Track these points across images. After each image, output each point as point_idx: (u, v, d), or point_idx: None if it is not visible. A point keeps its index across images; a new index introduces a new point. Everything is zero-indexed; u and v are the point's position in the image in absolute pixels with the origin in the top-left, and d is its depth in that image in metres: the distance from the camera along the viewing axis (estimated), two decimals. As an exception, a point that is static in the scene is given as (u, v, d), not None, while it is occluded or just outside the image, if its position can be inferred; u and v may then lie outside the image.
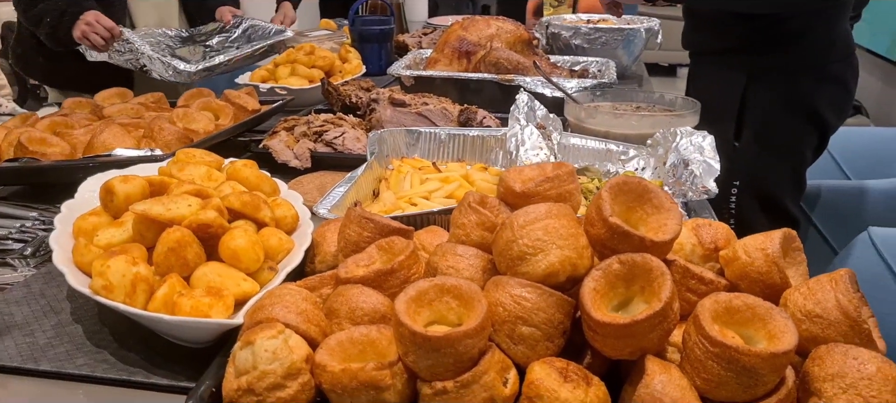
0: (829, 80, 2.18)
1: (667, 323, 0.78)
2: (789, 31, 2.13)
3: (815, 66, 2.16)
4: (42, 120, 1.71)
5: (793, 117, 2.19)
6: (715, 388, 0.76)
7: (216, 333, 0.94)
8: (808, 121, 2.20)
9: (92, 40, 2.25)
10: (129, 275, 0.95)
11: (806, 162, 2.30)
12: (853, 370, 0.73)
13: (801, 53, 2.14)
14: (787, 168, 2.25)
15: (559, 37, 2.74)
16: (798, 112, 2.18)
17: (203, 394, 0.82)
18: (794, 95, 2.16)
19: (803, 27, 2.12)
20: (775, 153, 2.22)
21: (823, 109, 2.21)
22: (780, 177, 2.25)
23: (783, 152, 2.23)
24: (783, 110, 2.18)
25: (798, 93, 2.16)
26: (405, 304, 0.80)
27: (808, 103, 2.17)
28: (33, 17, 2.32)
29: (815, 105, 2.18)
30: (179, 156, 1.32)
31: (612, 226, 0.84)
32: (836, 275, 0.82)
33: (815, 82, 2.16)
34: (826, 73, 2.18)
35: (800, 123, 2.20)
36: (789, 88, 2.16)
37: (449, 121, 1.77)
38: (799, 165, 2.28)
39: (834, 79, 2.19)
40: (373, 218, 1.03)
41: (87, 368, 0.95)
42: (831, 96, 2.21)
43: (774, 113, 2.19)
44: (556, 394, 0.76)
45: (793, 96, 2.17)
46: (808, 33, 2.13)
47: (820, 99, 2.18)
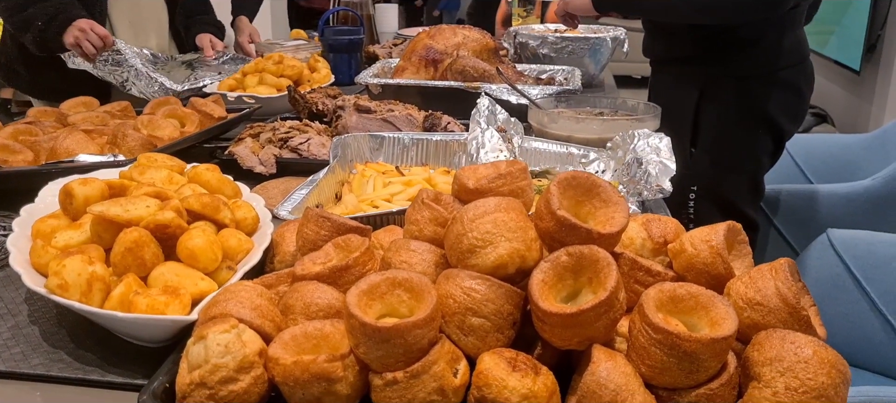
0: (780, 86, 2.23)
1: (613, 312, 0.80)
2: (740, 39, 2.18)
3: (767, 72, 2.21)
4: (5, 128, 1.71)
5: (746, 123, 2.23)
6: (658, 374, 0.77)
7: (171, 330, 0.94)
8: (762, 126, 2.25)
9: (84, 47, 2.24)
10: (84, 274, 0.95)
11: (762, 167, 2.35)
12: (790, 354, 0.75)
13: (751, 60, 2.19)
14: (742, 173, 2.30)
15: (527, 46, 2.77)
16: (751, 118, 2.23)
17: (156, 390, 0.82)
18: (746, 102, 2.21)
19: (754, 35, 2.17)
20: (730, 159, 2.27)
21: (776, 115, 2.26)
22: (736, 181, 2.29)
23: (738, 158, 2.28)
24: (736, 116, 2.23)
25: (750, 100, 2.21)
26: (357, 297, 0.81)
27: (760, 109, 2.22)
28: (21, 22, 2.29)
29: (768, 111, 2.23)
30: (141, 161, 1.32)
31: (560, 219, 0.86)
32: (776, 265, 0.84)
33: (766, 88, 2.21)
34: (777, 80, 2.23)
35: (753, 129, 2.25)
36: (741, 95, 2.21)
37: (414, 126, 1.79)
38: (755, 171, 2.33)
39: (786, 85, 2.24)
40: (330, 217, 1.05)
41: (42, 368, 0.95)
42: (784, 102, 2.26)
43: (728, 119, 2.24)
44: (504, 383, 0.77)
45: (745, 102, 2.22)
46: (759, 41, 2.18)
47: (772, 105, 2.23)
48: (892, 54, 3.83)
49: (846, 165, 2.75)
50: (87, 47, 2.25)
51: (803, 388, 0.73)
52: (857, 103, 4.23)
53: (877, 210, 2.36)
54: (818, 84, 4.47)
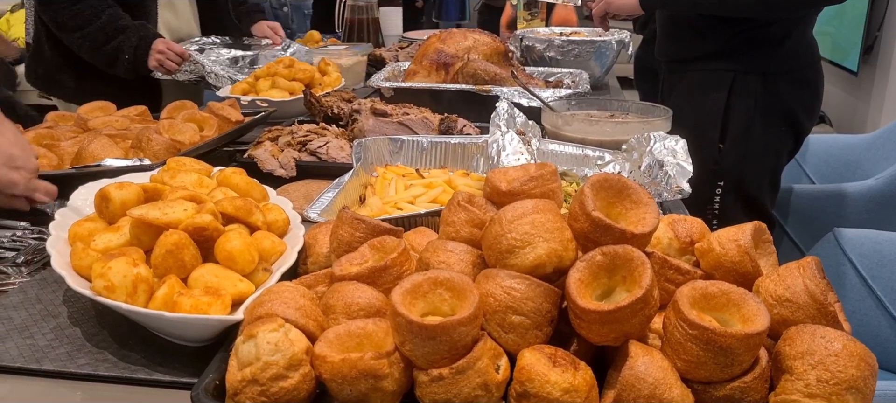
0: (802, 85, 2.30)
1: (648, 309, 0.83)
2: (771, 37, 2.24)
3: (792, 70, 2.27)
4: (27, 132, 1.73)
5: (771, 119, 2.29)
6: (694, 368, 0.81)
7: (217, 329, 0.97)
8: (784, 123, 2.31)
9: (167, 67, 2.44)
10: (130, 276, 0.98)
11: (782, 163, 2.41)
12: (821, 348, 0.78)
13: (780, 58, 2.25)
14: (766, 169, 2.35)
15: (533, 49, 2.81)
16: (776, 114, 2.29)
17: (207, 387, 0.85)
18: (773, 99, 2.27)
19: (782, 33, 2.23)
20: (756, 154, 2.32)
21: (797, 112, 2.32)
22: (760, 177, 2.35)
23: (763, 154, 2.33)
24: (763, 113, 2.28)
25: (775, 97, 2.27)
26: (401, 296, 0.84)
27: (784, 106, 2.28)
28: (107, 55, 2.43)
29: (791, 107, 2.29)
30: (170, 165, 1.35)
31: (595, 220, 0.89)
32: (803, 263, 0.88)
33: (790, 86, 2.27)
34: (800, 78, 2.29)
35: (777, 126, 2.30)
36: (768, 92, 2.26)
37: (430, 130, 1.82)
38: (776, 166, 2.39)
39: (806, 83, 2.31)
40: (364, 219, 1.08)
41: (89, 367, 0.98)
42: (804, 100, 2.32)
43: (755, 115, 2.28)
44: (546, 378, 0.80)
45: (772, 99, 2.27)
46: (786, 39, 2.24)
47: (795, 102, 2.29)
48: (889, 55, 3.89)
49: (848, 165, 2.80)
50: (170, 66, 2.44)
51: (834, 380, 0.76)
52: (854, 104, 4.28)
53: (881, 209, 2.40)
54: (817, 85, 4.50)
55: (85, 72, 2.52)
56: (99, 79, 2.50)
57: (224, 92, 2.40)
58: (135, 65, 2.43)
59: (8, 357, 1.00)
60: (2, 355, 1.00)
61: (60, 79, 2.60)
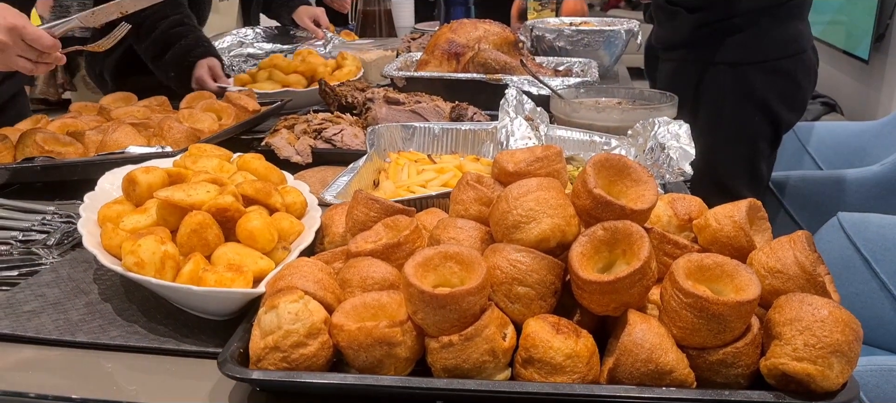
0: (777, 75, 2.33)
1: (646, 279, 0.89)
2: (734, 27, 2.28)
3: (761, 60, 2.30)
4: (53, 122, 1.80)
5: (742, 108, 2.34)
6: (689, 335, 0.86)
7: (241, 302, 1.03)
8: (759, 112, 2.35)
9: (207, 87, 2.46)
10: (158, 253, 1.04)
11: (760, 153, 2.44)
12: (808, 314, 0.83)
13: (745, 48, 2.29)
14: (739, 157, 2.39)
15: (543, 39, 2.85)
16: (747, 103, 2.33)
17: (233, 354, 0.91)
18: (743, 88, 2.31)
19: (748, 23, 2.27)
20: (727, 141, 2.37)
21: (772, 103, 2.35)
22: (733, 164, 2.39)
23: (734, 141, 2.38)
24: (733, 101, 2.32)
25: (747, 86, 2.31)
26: (413, 268, 0.89)
27: (757, 96, 2.32)
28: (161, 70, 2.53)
29: (765, 98, 2.33)
30: (192, 151, 1.41)
31: (596, 197, 0.94)
32: (794, 236, 0.92)
33: (763, 76, 2.31)
34: (775, 68, 2.32)
35: (750, 114, 2.35)
36: (738, 81, 2.31)
37: (441, 117, 1.87)
38: (752, 156, 2.42)
39: (784, 74, 2.34)
40: (378, 200, 1.13)
41: (120, 339, 1.04)
42: (781, 90, 2.35)
43: (725, 104, 2.34)
44: (550, 344, 0.86)
45: (742, 88, 2.32)
46: (753, 29, 2.27)
47: (769, 92, 2.33)
48: (900, 43, 3.90)
49: (856, 152, 2.82)
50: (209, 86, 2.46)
51: (820, 344, 0.81)
52: (865, 92, 4.29)
53: (886, 194, 2.43)
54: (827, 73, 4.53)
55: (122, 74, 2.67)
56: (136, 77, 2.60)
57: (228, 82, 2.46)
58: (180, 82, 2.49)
59: (45, 329, 1.06)
60: (39, 328, 1.06)
61: (105, 78, 2.75)
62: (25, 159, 1.62)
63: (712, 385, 0.86)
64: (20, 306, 1.12)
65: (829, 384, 0.81)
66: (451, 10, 3.42)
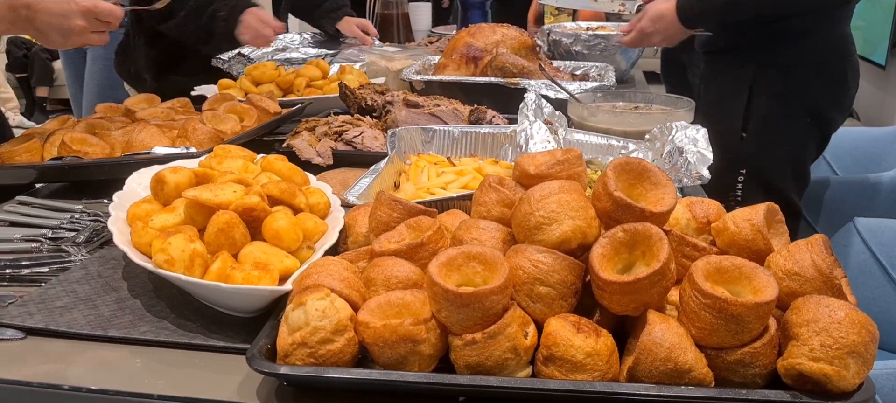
0: (828, 78, 2.32)
1: (665, 280, 0.91)
2: (791, 30, 2.27)
3: (815, 63, 2.30)
4: (79, 122, 1.83)
5: (794, 111, 2.31)
6: (708, 335, 0.87)
7: (268, 299, 1.05)
8: (809, 116, 2.33)
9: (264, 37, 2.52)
10: (187, 251, 1.07)
11: (809, 155, 2.43)
12: (825, 316, 0.84)
13: (803, 51, 2.28)
14: (789, 159, 2.37)
15: (560, 43, 2.87)
16: (799, 106, 2.31)
17: (261, 349, 0.93)
18: (795, 90, 2.29)
19: (804, 27, 2.26)
20: (778, 145, 2.34)
21: (823, 105, 2.35)
22: (782, 168, 2.37)
23: (785, 144, 2.36)
24: (785, 104, 2.31)
25: (799, 89, 2.29)
26: (438, 268, 0.92)
27: (809, 99, 2.30)
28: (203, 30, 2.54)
29: (816, 101, 2.31)
30: (217, 152, 1.44)
31: (617, 200, 0.96)
32: (812, 240, 0.94)
33: (814, 79, 2.30)
34: (826, 71, 2.32)
35: (801, 117, 2.32)
36: (790, 84, 2.29)
37: (460, 120, 1.89)
38: (801, 158, 2.41)
39: (834, 77, 2.33)
40: (401, 201, 1.15)
41: (150, 334, 1.07)
42: (831, 93, 2.34)
43: (777, 106, 2.31)
44: (571, 342, 0.88)
45: (794, 91, 2.29)
46: (808, 33, 2.27)
47: (820, 95, 2.31)
48: (917, 49, 3.89)
49: (872, 157, 2.83)
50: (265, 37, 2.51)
51: (837, 345, 0.83)
52: (882, 98, 4.29)
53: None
54: (844, 79, 4.49)
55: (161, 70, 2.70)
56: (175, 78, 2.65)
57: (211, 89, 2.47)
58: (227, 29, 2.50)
59: (77, 324, 1.09)
60: (71, 323, 1.09)
61: (143, 77, 2.77)
62: (53, 158, 1.65)
63: (730, 384, 0.88)
64: (52, 301, 1.16)
65: (845, 384, 0.83)
66: (468, 14, 3.44)
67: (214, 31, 2.51)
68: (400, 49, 2.99)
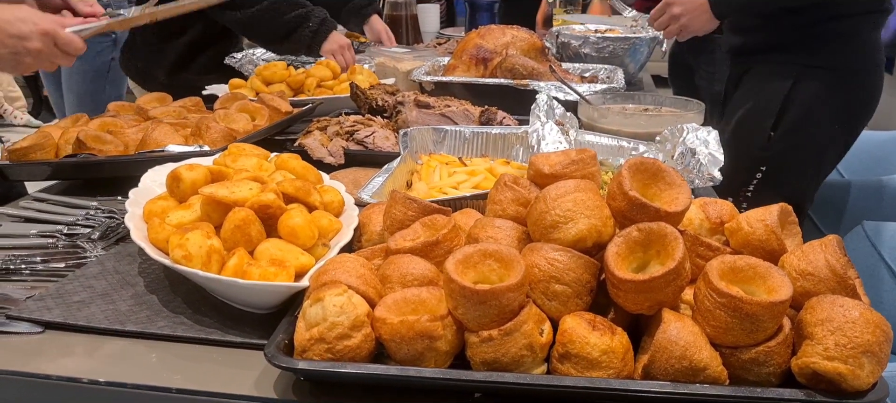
0: (864, 86, 2.28)
1: (680, 279, 0.91)
2: (840, 32, 2.22)
3: (856, 69, 2.25)
4: (92, 120, 1.85)
5: (828, 116, 2.26)
6: (722, 334, 0.88)
7: (285, 296, 1.06)
8: (839, 122, 2.28)
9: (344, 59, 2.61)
10: (205, 247, 1.08)
11: (829, 162, 2.39)
12: (840, 315, 0.85)
13: (847, 55, 2.23)
14: (811, 164, 2.33)
15: (569, 45, 2.88)
16: (834, 111, 2.26)
17: (278, 344, 0.94)
18: (834, 95, 2.24)
19: (851, 29, 2.22)
20: (805, 149, 2.29)
21: (855, 113, 2.31)
22: (803, 171, 2.32)
23: (811, 149, 2.31)
24: (822, 108, 2.24)
25: (838, 94, 2.23)
26: (455, 265, 0.93)
27: (843, 105, 2.25)
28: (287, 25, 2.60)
29: (849, 107, 2.27)
30: (231, 150, 1.45)
31: (632, 199, 0.97)
32: (825, 241, 0.95)
33: (853, 86, 2.25)
34: (863, 79, 2.28)
35: (832, 122, 2.27)
36: (831, 87, 2.23)
37: (470, 121, 1.90)
38: (822, 164, 2.37)
39: (868, 86, 2.30)
40: (416, 199, 1.16)
41: (167, 329, 1.08)
42: (863, 101, 2.31)
43: (814, 109, 2.25)
44: (586, 340, 0.89)
45: (833, 96, 2.24)
46: (855, 37, 2.22)
47: (854, 102, 2.27)
48: (924, 54, 3.89)
49: (880, 161, 2.83)
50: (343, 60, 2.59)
51: (851, 344, 0.83)
52: (889, 102, 4.28)
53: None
54: (851, 83, 4.48)
55: (174, 69, 2.72)
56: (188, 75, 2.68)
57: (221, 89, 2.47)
58: (313, 41, 2.57)
59: (95, 319, 1.10)
60: (89, 317, 1.10)
61: (155, 74, 2.77)
62: (68, 156, 1.66)
63: (744, 383, 0.89)
64: (70, 296, 1.17)
65: (859, 383, 0.84)
66: (476, 16, 3.45)
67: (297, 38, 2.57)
68: (408, 50, 3.00)
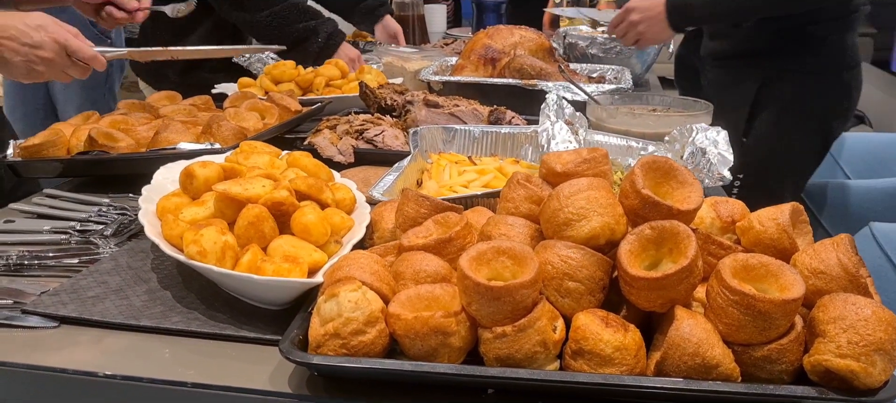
0: (836, 88, 2.33)
1: (692, 277, 0.92)
2: (811, 36, 2.27)
3: (827, 72, 2.31)
4: (104, 118, 1.86)
5: (800, 119, 2.32)
6: (735, 331, 0.89)
7: (299, 292, 1.07)
8: (815, 124, 2.34)
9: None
10: (219, 243, 1.09)
11: (808, 165, 2.44)
12: (852, 313, 0.86)
13: (817, 59, 2.28)
14: (790, 168, 2.39)
15: (576, 46, 2.89)
16: (806, 116, 2.32)
17: (293, 340, 0.95)
18: (804, 98, 2.30)
19: (824, 33, 2.26)
20: (781, 153, 2.36)
21: (829, 115, 2.35)
22: (783, 176, 2.38)
23: (788, 153, 2.37)
24: (792, 111, 2.31)
25: (808, 97, 2.29)
26: (468, 262, 0.93)
27: (817, 109, 2.31)
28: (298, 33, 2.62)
29: (823, 110, 2.32)
30: (243, 147, 1.46)
31: (644, 197, 0.98)
32: (838, 239, 0.96)
33: (825, 88, 2.30)
34: (835, 81, 2.32)
35: (806, 125, 2.33)
36: (800, 91, 2.29)
37: (479, 120, 1.91)
38: (802, 167, 2.42)
39: (841, 88, 2.34)
40: (428, 197, 1.17)
41: (181, 324, 1.09)
42: (836, 103, 2.35)
43: (784, 113, 2.32)
44: (600, 336, 0.89)
45: (803, 99, 2.30)
46: (826, 39, 2.27)
47: (828, 105, 2.32)
48: (930, 56, 3.89)
49: (885, 162, 2.83)
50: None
51: (864, 342, 0.84)
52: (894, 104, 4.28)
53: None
54: (856, 85, 4.48)
55: (186, 69, 2.72)
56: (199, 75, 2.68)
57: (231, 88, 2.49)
58: (320, 55, 2.60)
59: (109, 314, 1.11)
60: (104, 312, 1.11)
61: (166, 73, 2.78)
62: (80, 153, 1.67)
63: (756, 380, 0.89)
64: (84, 292, 1.18)
65: (871, 381, 0.84)
66: (483, 16, 3.46)
67: (304, 50, 2.60)
68: (416, 50, 3.01)
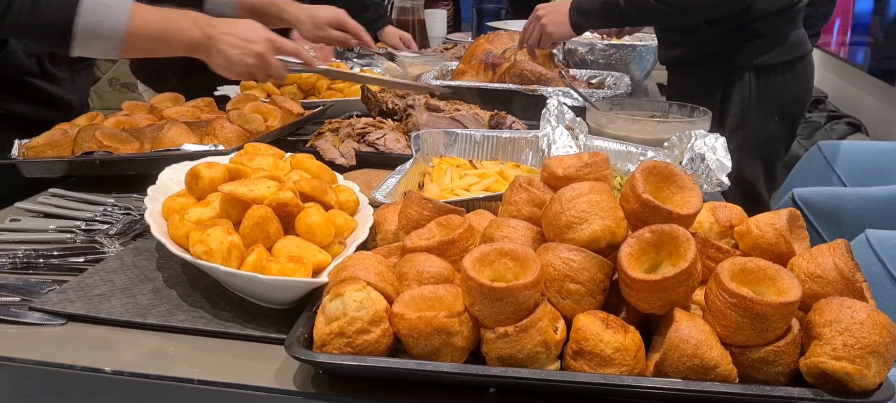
0: (793, 77, 2.47)
1: (691, 280, 0.94)
2: (756, 32, 2.39)
3: (781, 63, 2.44)
4: (108, 119, 1.87)
5: (764, 111, 2.45)
6: (733, 333, 0.91)
7: (304, 291, 1.09)
8: (778, 115, 2.47)
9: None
10: (225, 243, 1.11)
11: (778, 154, 2.58)
12: (848, 316, 0.88)
13: (769, 52, 2.41)
14: (761, 159, 2.51)
15: (575, 52, 2.91)
16: (770, 107, 2.45)
17: (298, 338, 0.97)
18: (766, 92, 2.43)
19: (768, 27, 2.38)
20: (751, 145, 2.47)
21: (789, 104, 2.49)
22: (755, 167, 2.50)
23: (757, 144, 2.49)
24: (758, 106, 2.44)
25: (768, 88, 2.43)
26: (472, 263, 0.95)
27: (777, 98, 2.45)
28: None
29: (783, 99, 2.45)
30: (247, 149, 1.47)
31: (645, 201, 1.00)
32: (834, 244, 0.98)
33: (782, 77, 2.44)
34: (792, 70, 2.46)
35: (771, 117, 2.46)
36: (761, 84, 2.42)
37: (480, 125, 1.93)
38: (773, 157, 2.55)
39: (797, 75, 2.48)
40: (431, 199, 1.19)
41: (187, 323, 1.10)
42: (795, 91, 2.49)
43: (750, 110, 2.44)
44: (600, 337, 0.91)
45: (765, 93, 2.43)
46: (772, 33, 2.40)
47: (786, 94, 2.45)
48: (927, 65, 3.92)
49: (881, 170, 2.85)
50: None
51: (859, 345, 0.86)
52: (891, 113, 4.31)
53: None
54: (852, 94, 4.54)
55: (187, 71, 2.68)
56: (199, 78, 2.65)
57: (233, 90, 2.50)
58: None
59: (116, 312, 1.12)
60: (110, 310, 1.13)
61: (167, 76, 2.76)
62: (84, 153, 1.69)
63: (754, 381, 0.91)
64: (91, 290, 1.19)
65: (866, 383, 0.86)
66: (483, 21, 3.49)
67: None
68: (416, 55, 3.03)
